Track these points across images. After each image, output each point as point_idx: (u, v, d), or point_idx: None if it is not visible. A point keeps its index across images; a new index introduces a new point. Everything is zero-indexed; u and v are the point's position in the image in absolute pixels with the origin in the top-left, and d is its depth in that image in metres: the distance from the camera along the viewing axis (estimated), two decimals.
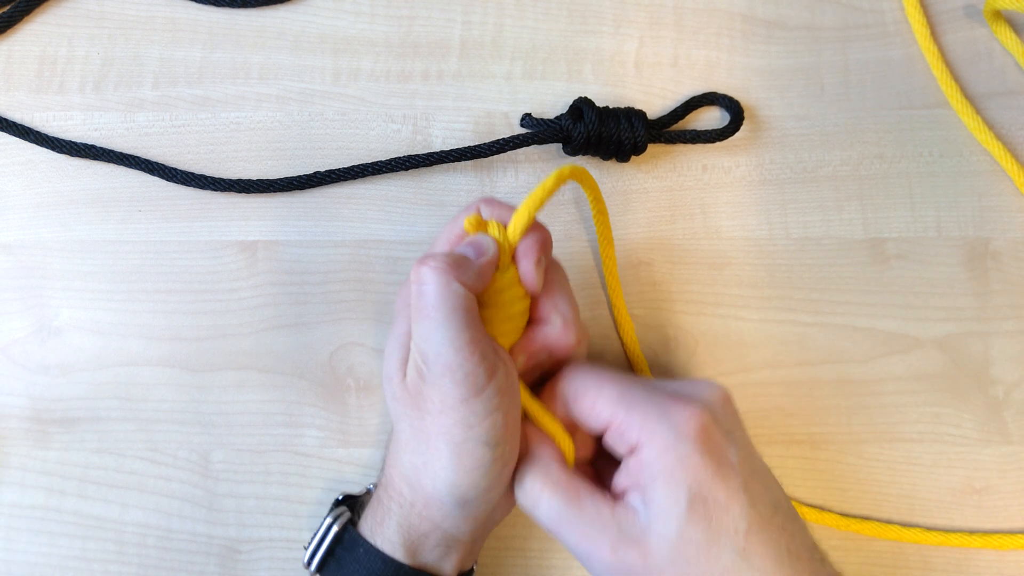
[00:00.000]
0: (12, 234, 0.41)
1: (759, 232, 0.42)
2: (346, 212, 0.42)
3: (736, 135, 0.42)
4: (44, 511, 0.39)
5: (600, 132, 0.39)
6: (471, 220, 0.31)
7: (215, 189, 0.41)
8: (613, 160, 0.41)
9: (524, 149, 0.42)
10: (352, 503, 0.37)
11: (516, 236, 0.32)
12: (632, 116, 0.40)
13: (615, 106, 0.41)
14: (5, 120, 0.42)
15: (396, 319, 0.34)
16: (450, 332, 0.29)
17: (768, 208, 0.42)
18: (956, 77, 0.43)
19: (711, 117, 0.43)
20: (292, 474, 0.39)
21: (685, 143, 0.42)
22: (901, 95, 0.43)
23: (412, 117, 0.42)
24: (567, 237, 0.42)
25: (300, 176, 0.41)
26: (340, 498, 0.37)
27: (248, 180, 0.41)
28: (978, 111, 0.43)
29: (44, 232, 0.41)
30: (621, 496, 0.31)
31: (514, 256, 0.32)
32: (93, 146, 0.41)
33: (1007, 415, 0.40)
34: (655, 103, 0.43)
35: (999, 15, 0.43)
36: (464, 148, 0.41)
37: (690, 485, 0.29)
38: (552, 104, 0.43)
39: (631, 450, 0.31)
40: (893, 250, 0.42)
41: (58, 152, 0.41)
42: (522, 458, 0.32)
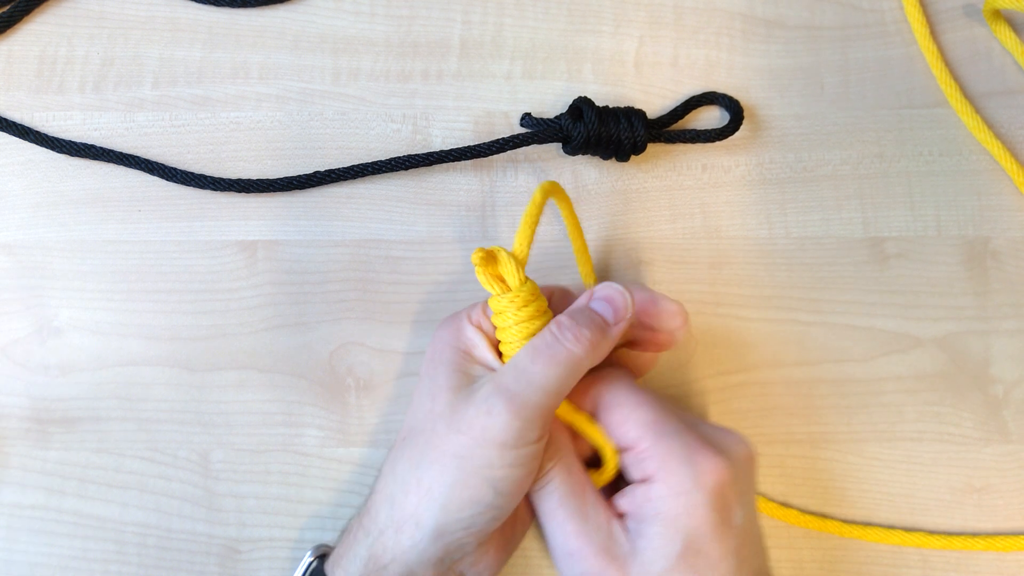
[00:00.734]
0: (12, 234, 0.41)
1: (759, 232, 0.42)
2: (346, 212, 0.42)
3: (736, 135, 0.42)
4: (44, 511, 0.39)
5: (600, 132, 0.40)
6: (479, 254, 0.31)
7: (215, 189, 0.41)
8: (613, 160, 0.41)
9: (524, 149, 0.42)
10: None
11: (524, 251, 0.33)
12: (632, 116, 0.40)
13: (615, 106, 0.41)
14: (5, 120, 0.42)
15: (450, 322, 0.34)
16: (551, 387, 0.30)
17: (768, 207, 0.42)
18: (955, 76, 0.43)
19: (711, 117, 0.43)
20: (292, 474, 0.39)
21: (685, 143, 0.42)
22: (901, 94, 0.43)
23: (412, 117, 0.42)
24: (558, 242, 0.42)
25: (300, 176, 0.41)
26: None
27: (248, 180, 0.41)
28: (977, 110, 0.43)
29: (44, 232, 0.41)
30: (617, 514, 0.31)
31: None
32: (93, 146, 0.41)
33: (1007, 414, 0.41)
34: (655, 103, 0.43)
35: (998, 14, 0.43)
36: (464, 148, 0.41)
37: (689, 534, 0.29)
38: (552, 104, 0.43)
39: (644, 479, 0.31)
40: (893, 249, 0.42)
41: (58, 152, 0.41)
42: (549, 450, 0.31)
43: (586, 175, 0.42)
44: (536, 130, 0.40)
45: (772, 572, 0.32)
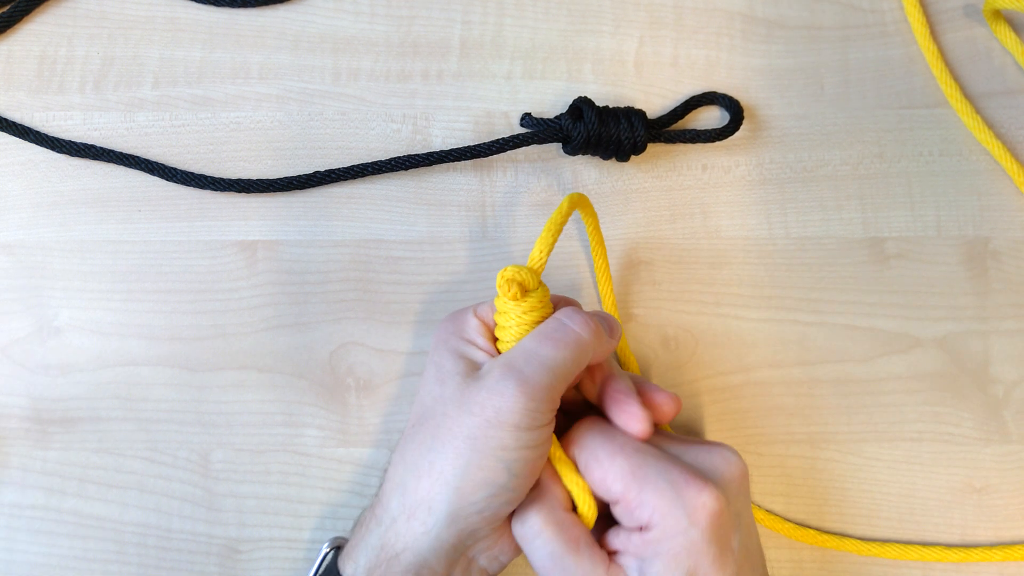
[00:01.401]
0: (12, 234, 0.41)
1: (759, 232, 0.42)
2: (346, 212, 0.42)
3: (736, 135, 0.42)
4: (44, 511, 0.39)
5: (600, 132, 0.40)
6: (504, 274, 0.32)
7: (215, 189, 0.41)
8: (613, 160, 0.41)
9: (524, 149, 0.42)
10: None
11: (543, 260, 0.33)
12: (632, 116, 0.40)
13: (615, 106, 0.41)
14: (5, 120, 0.42)
15: (456, 314, 0.34)
16: (559, 369, 0.30)
17: (768, 208, 0.42)
18: (956, 76, 0.43)
19: (711, 117, 0.43)
20: (292, 474, 0.39)
21: (685, 143, 0.42)
22: (901, 94, 0.43)
23: (412, 117, 0.42)
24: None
25: (300, 176, 0.41)
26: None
27: (248, 180, 0.41)
28: (978, 110, 0.43)
29: (44, 232, 0.41)
30: (614, 556, 0.31)
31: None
32: (93, 146, 0.41)
33: (1007, 414, 0.41)
34: (655, 103, 0.43)
35: (998, 15, 0.43)
36: (464, 148, 0.41)
37: (689, 567, 0.29)
38: (552, 104, 0.43)
39: (639, 528, 0.30)
40: (893, 249, 0.42)
41: (58, 152, 0.41)
42: (531, 494, 0.31)
43: (586, 175, 0.42)
44: (536, 130, 0.40)
45: (770, 575, 0.32)
